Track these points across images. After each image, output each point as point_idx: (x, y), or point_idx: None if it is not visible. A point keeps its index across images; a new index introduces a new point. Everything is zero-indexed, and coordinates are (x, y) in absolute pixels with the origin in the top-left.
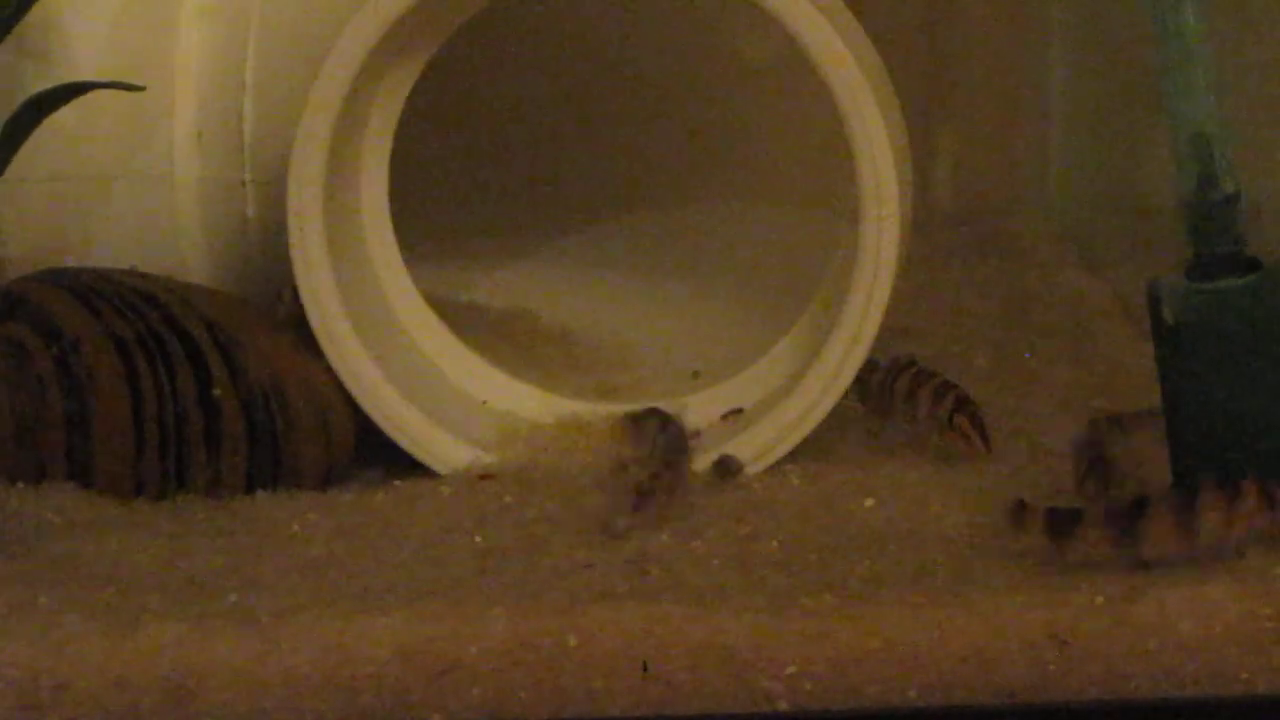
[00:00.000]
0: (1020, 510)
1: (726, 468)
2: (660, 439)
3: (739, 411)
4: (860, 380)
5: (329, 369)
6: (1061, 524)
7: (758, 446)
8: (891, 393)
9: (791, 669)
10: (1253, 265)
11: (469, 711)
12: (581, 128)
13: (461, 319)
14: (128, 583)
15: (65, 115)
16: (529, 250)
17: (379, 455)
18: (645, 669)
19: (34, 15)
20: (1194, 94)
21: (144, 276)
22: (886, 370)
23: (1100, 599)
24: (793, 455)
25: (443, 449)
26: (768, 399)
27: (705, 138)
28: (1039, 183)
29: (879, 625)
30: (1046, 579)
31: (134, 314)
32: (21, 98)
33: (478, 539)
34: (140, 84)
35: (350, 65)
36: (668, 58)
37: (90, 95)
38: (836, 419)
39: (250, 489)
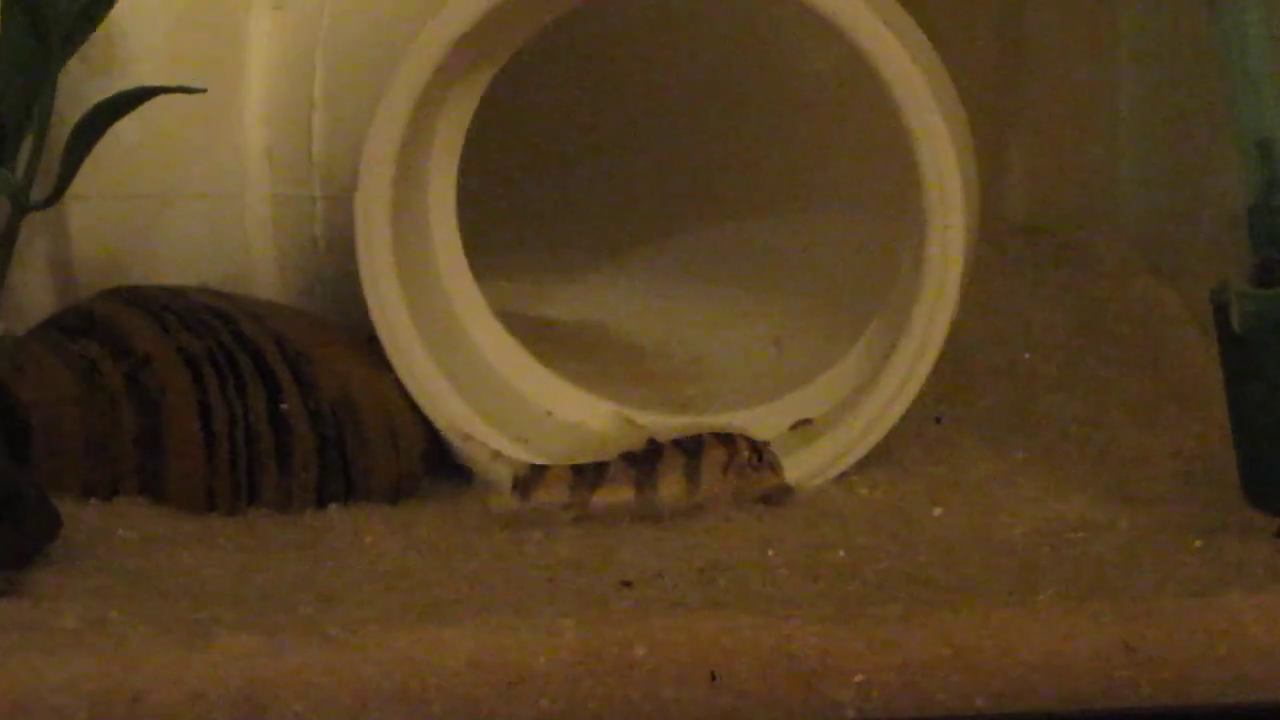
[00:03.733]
0: None
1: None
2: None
3: (808, 422)
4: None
5: (399, 382)
6: None
7: (826, 457)
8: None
9: (860, 677)
10: None
11: None
12: (649, 141)
13: (531, 333)
14: (200, 596)
15: (132, 130)
16: (598, 264)
17: (449, 467)
18: (714, 678)
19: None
20: (1258, 99)
21: (214, 293)
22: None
23: (1169, 604)
24: (860, 465)
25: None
26: (836, 409)
27: (771, 149)
28: (1109, 192)
29: (947, 633)
30: (1115, 585)
31: (204, 330)
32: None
33: (547, 550)
34: (203, 87)
35: (417, 80)
36: (733, 69)
37: (163, 114)
38: (904, 429)
39: (321, 503)
